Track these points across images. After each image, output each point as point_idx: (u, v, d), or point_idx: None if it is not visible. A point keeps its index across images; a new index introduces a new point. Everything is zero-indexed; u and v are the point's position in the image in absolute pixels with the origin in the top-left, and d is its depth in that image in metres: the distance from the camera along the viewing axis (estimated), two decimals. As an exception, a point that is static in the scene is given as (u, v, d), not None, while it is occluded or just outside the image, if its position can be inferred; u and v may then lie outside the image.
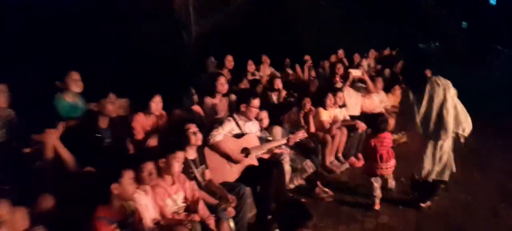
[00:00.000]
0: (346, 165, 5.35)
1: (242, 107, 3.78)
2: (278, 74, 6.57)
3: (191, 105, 4.06)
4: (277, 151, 4.11)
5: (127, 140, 3.40)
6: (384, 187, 4.14)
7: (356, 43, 11.86)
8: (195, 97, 4.13)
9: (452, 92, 3.65)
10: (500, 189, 4.43)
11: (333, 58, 7.89)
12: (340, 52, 8.01)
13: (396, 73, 7.49)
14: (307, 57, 7.18)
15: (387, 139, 4.00)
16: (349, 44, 10.60)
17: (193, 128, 3.17)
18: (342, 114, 5.68)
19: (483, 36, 19.01)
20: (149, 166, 2.64)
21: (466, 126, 3.72)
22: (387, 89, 6.68)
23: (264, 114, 4.22)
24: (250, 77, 6.17)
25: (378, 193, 3.97)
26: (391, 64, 7.89)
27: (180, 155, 2.85)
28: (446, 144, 3.75)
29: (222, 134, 3.56)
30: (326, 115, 5.37)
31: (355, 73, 6.04)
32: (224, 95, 4.56)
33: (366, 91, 6.22)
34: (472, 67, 14.55)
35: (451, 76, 3.76)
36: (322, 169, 4.96)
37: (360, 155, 5.57)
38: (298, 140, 4.08)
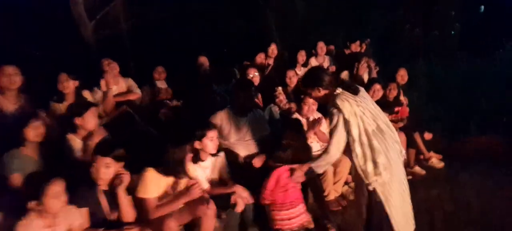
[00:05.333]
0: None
1: None
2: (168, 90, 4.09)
3: None
4: None
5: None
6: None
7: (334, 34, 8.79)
8: None
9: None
10: None
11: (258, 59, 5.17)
12: (272, 48, 5.25)
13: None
14: (203, 59, 4.53)
15: (285, 175, 2.71)
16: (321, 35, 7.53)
17: None
18: (217, 168, 3.02)
19: (500, 22, 16.68)
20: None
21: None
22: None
23: None
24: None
25: None
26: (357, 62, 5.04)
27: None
28: None
29: None
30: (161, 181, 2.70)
31: None
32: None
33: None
34: (487, 55, 11.98)
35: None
36: None
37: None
38: None
